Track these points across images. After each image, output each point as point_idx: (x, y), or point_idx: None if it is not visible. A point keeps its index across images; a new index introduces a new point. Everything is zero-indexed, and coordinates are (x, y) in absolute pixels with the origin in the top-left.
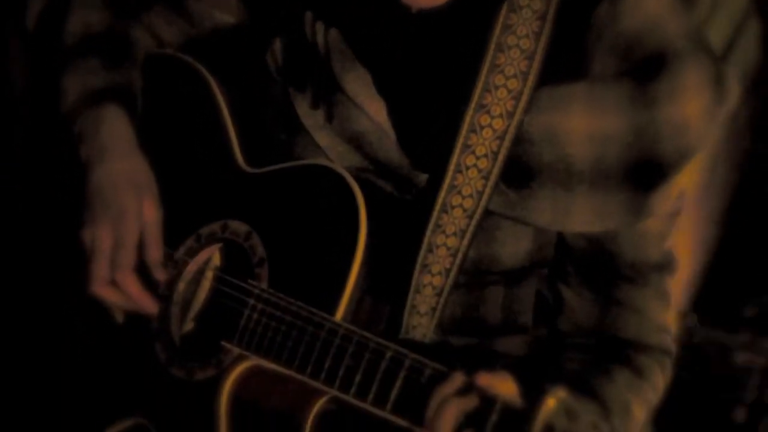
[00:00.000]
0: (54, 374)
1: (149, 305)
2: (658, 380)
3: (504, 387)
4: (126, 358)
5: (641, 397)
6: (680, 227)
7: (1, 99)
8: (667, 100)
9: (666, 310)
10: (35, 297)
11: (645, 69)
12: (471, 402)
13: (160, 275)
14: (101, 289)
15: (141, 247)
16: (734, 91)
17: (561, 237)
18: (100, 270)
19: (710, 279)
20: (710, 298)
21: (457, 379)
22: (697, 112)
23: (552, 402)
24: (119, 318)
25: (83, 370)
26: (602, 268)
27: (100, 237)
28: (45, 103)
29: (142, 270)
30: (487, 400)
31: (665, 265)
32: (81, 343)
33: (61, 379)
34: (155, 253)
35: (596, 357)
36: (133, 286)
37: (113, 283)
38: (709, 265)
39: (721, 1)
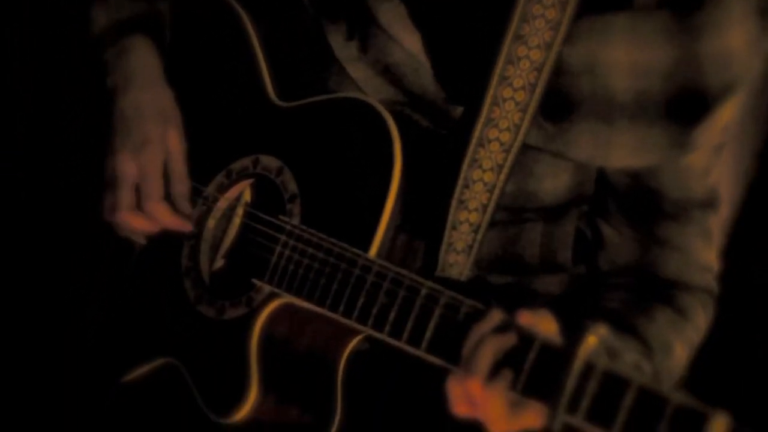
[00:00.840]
0: (83, 315)
1: (184, 225)
2: (701, 320)
3: (544, 325)
4: (154, 297)
5: (683, 336)
6: (725, 163)
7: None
8: (711, 31)
9: (709, 248)
10: (62, 238)
11: None
12: (508, 340)
13: (186, 208)
14: (126, 217)
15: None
16: None
17: (602, 173)
18: (124, 198)
19: (743, 215)
20: (745, 235)
21: (495, 317)
22: (741, 44)
23: (593, 340)
24: (140, 241)
25: (111, 310)
26: (644, 206)
27: (124, 165)
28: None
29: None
30: (526, 339)
31: (709, 202)
32: (109, 283)
33: (90, 320)
34: (181, 185)
35: (637, 296)
36: (163, 213)
37: (139, 210)
38: (742, 200)
39: None
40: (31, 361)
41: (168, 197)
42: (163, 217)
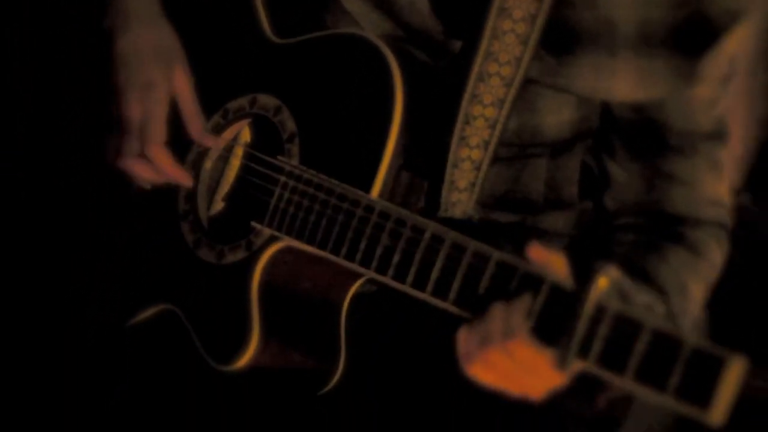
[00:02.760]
0: (78, 261)
1: (184, 178)
2: (715, 255)
3: (555, 264)
4: (152, 241)
5: (698, 275)
6: (734, 95)
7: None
8: None
9: (719, 181)
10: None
11: None
12: (518, 283)
13: (209, 143)
14: (131, 163)
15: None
16: None
17: (606, 107)
18: (129, 143)
19: (761, 155)
20: (763, 176)
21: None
22: None
23: (604, 282)
24: (146, 186)
25: (108, 255)
26: (649, 139)
27: (128, 108)
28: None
29: (176, 142)
30: (535, 280)
31: (717, 134)
32: (105, 228)
33: (86, 266)
34: (195, 124)
35: (647, 238)
36: (165, 159)
37: (143, 156)
38: (759, 140)
39: None
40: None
41: (174, 140)
42: (163, 163)
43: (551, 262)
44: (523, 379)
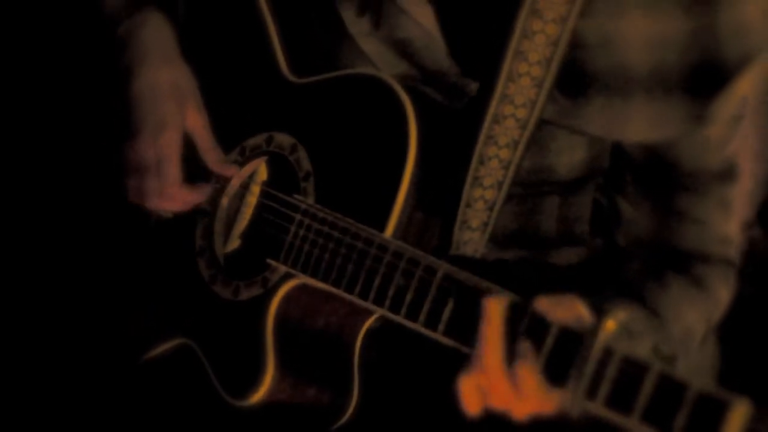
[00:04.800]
0: (98, 295)
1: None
2: (721, 293)
3: (570, 308)
4: (169, 276)
5: (699, 307)
6: (744, 135)
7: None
8: (727, 2)
9: (729, 220)
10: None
11: None
12: (526, 323)
13: (227, 171)
14: (154, 202)
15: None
16: None
17: (618, 146)
18: (149, 183)
19: None
20: None
21: (513, 300)
22: (758, 14)
23: (612, 324)
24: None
25: (126, 290)
26: (661, 178)
27: (142, 150)
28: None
29: (194, 174)
30: (544, 323)
31: (727, 173)
32: (123, 263)
33: (105, 300)
34: (212, 155)
35: (652, 267)
36: (186, 195)
37: (163, 195)
38: None
39: None
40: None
41: (191, 178)
42: (185, 198)
43: (562, 307)
44: (518, 408)
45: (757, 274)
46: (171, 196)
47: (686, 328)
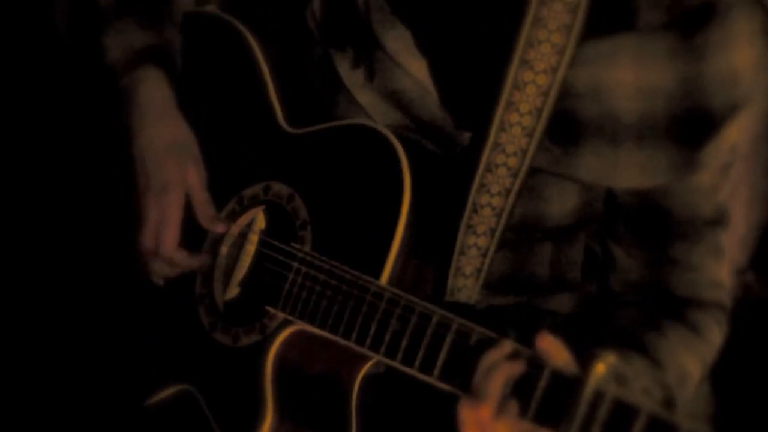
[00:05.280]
0: (98, 341)
1: (199, 265)
2: (714, 336)
3: (558, 353)
4: (169, 323)
5: (696, 352)
6: (737, 181)
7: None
8: (716, 51)
9: (720, 265)
10: (78, 264)
11: (693, 19)
12: (519, 368)
13: (221, 228)
14: (148, 262)
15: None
16: None
17: (610, 193)
18: (145, 242)
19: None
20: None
21: (505, 344)
22: (746, 63)
23: (602, 368)
24: (159, 282)
25: (127, 337)
26: (653, 225)
27: (147, 209)
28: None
29: (191, 230)
30: (536, 366)
31: (718, 220)
32: (124, 310)
33: (107, 347)
34: (206, 212)
35: (648, 313)
36: (179, 259)
37: (159, 256)
38: (765, 220)
39: None
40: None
41: (189, 237)
42: (178, 260)
43: (556, 349)
44: None
45: (752, 318)
46: (166, 257)
47: (683, 372)
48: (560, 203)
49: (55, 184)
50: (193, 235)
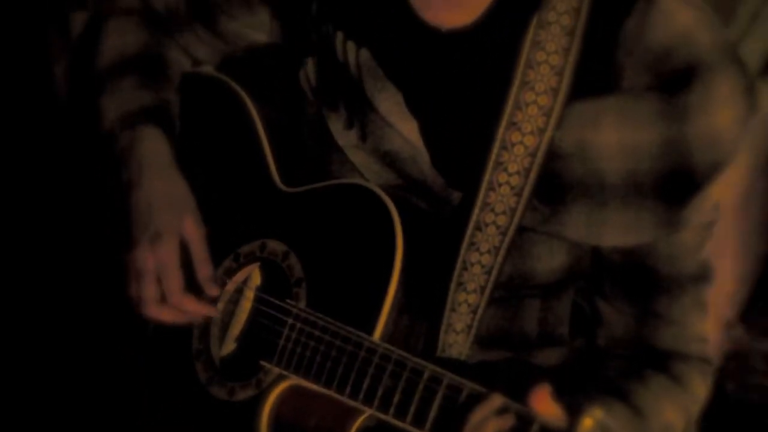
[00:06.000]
0: (95, 395)
1: (210, 312)
2: (698, 389)
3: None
4: (166, 378)
5: (678, 403)
6: (724, 237)
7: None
8: (698, 112)
9: (704, 319)
10: (75, 315)
11: (675, 81)
12: (508, 422)
13: (212, 291)
14: (154, 310)
15: (188, 264)
16: (764, 101)
17: (596, 250)
18: (148, 292)
19: (757, 289)
20: (757, 307)
21: (496, 400)
22: (728, 124)
23: (589, 422)
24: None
25: (124, 390)
26: (639, 281)
27: (142, 259)
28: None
29: (193, 284)
30: (524, 421)
31: (702, 276)
32: (122, 364)
33: (102, 399)
34: (204, 270)
35: (633, 365)
36: (188, 304)
37: (165, 303)
38: (755, 274)
39: (760, 14)
40: None
41: (191, 285)
42: (188, 307)
43: (547, 404)
44: None
45: (740, 371)
46: (175, 304)
47: (665, 422)
48: (548, 261)
49: (53, 237)
50: (191, 288)
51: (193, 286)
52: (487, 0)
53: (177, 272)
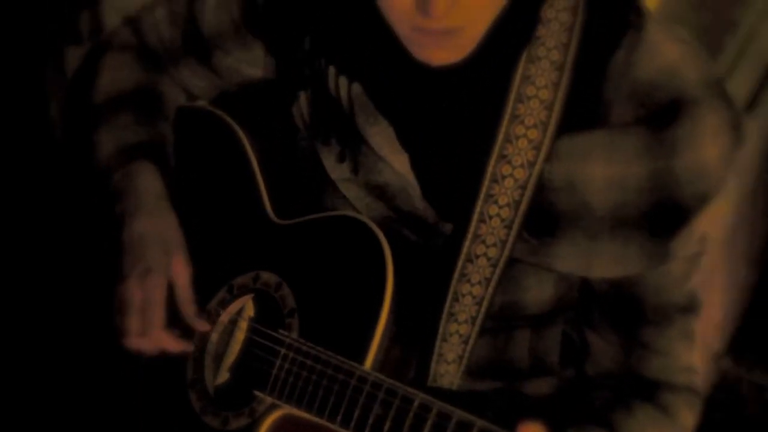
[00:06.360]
0: (90, 423)
1: (184, 348)
2: (686, 419)
3: None
4: (160, 407)
5: None
6: (712, 268)
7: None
8: (684, 146)
9: (692, 350)
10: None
11: (662, 115)
12: None
13: (201, 327)
14: (135, 342)
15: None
16: (751, 135)
17: (585, 281)
18: (131, 324)
19: (746, 320)
20: (746, 338)
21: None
22: (714, 157)
23: None
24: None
25: (119, 419)
26: (627, 312)
27: (130, 292)
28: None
29: (179, 319)
30: None
31: (689, 307)
32: (116, 393)
33: (97, 427)
34: (188, 307)
35: (620, 394)
36: (165, 341)
37: (146, 336)
38: (744, 306)
39: (746, 51)
40: None
41: (173, 321)
42: (166, 343)
43: None
44: None
45: (727, 402)
46: (152, 337)
47: None
48: (538, 292)
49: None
50: (181, 324)
51: (180, 323)
52: (476, 39)
53: (161, 308)
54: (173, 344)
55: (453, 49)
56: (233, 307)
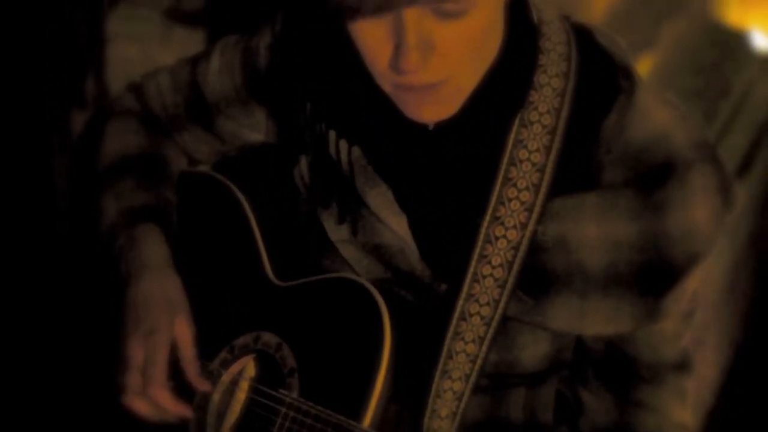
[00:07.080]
0: None
1: (183, 412)
2: None
3: None
4: None
5: None
6: (705, 327)
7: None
8: (675, 207)
9: (684, 407)
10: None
11: (653, 177)
12: None
13: (202, 386)
14: (134, 401)
15: (176, 361)
16: (740, 196)
17: (579, 339)
18: (132, 383)
19: (739, 377)
20: (739, 396)
21: None
22: (704, 218)
23: None
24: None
25: None
26: (620, 370)
27: (133, 350)
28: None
29: (180, 380)
30: None
31: (682, 364)
32: None
33: None
34: (191, 368)
35: None
36: (164, 399)
37: (144, 395)
38: (732, 363)
39: (739, 115)
40: None
41: (180, 383)
42: (164, 402)
43: None
44: None
45: None
46: (151, 395)
47: None
48: (533, 350)
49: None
50: (183, 385)
51: (182, 385)
52: (464, 92)
53: (162, 367)
54: (171, 404)
55: (440, 103)
56: (235, 368)
